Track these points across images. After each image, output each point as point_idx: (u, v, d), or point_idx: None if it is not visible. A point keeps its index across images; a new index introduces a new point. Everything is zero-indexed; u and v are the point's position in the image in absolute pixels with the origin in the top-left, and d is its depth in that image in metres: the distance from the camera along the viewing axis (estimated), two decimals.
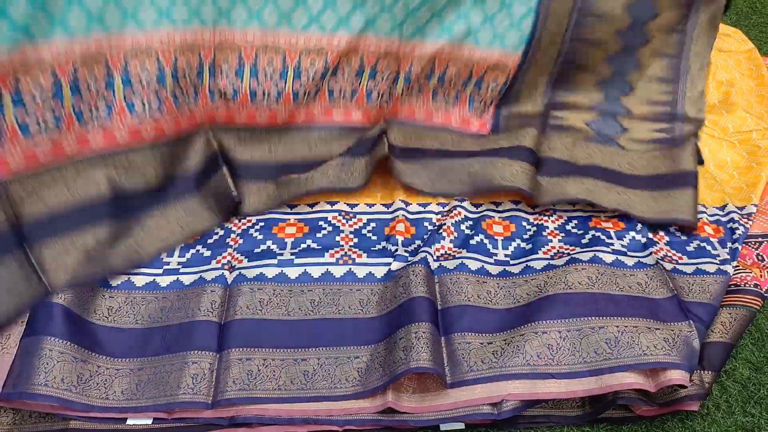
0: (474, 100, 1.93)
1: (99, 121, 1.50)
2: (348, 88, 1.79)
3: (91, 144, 1.51)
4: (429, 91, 1.88)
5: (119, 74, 1.47)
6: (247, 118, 1.73)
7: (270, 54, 1.64)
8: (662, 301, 1.57)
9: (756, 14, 2.70)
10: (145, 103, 1.55)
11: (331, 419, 1.42)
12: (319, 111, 1.80)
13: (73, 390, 1.37)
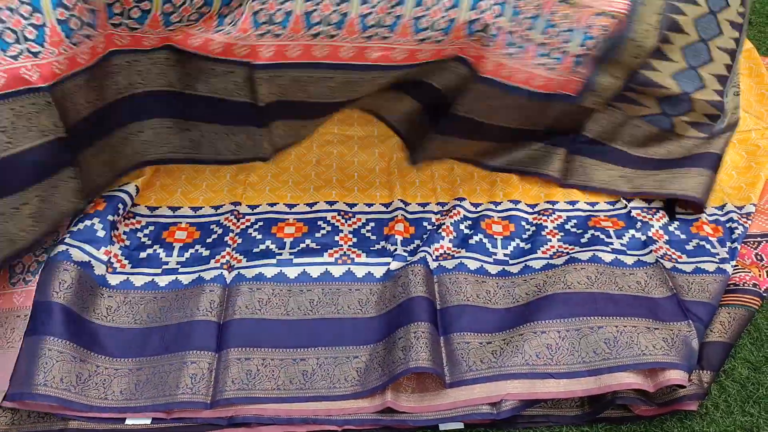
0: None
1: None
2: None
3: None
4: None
5: None
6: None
7: None
8: (661, 300, 1.57)
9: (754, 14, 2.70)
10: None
11: (330, 419, 1.42)
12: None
13: (72, 390, 1.37)
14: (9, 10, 1.21)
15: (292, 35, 1.42)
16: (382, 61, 1.52)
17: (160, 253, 1.71)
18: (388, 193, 1.94)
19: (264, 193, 1.90)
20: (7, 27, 1.21)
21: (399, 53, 1.50)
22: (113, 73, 1.45)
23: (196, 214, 1.84)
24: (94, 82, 1.41)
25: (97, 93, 1.44)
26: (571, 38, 1.56)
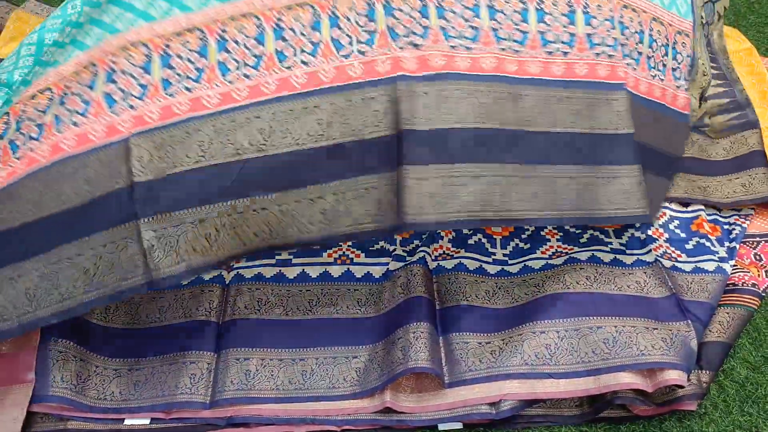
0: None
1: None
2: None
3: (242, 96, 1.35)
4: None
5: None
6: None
7: None
8: (660, 300, 1.57)
9: (753, 14, 2.69)
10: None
11: (329, 419, 1.42)
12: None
13: (72, 389, 1.37)
14: (122, 73, 1.32)
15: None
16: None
17: None
18: None
19: None
20: (120, 88, 1.31)
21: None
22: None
23: None
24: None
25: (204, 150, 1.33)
26: (667, 52, 1.59)
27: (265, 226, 1.31)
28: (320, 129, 1.32)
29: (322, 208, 1.32)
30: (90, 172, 1.29)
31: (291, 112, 1.32)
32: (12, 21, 2.34)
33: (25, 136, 1.33)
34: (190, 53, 1.35)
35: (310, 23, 1.36)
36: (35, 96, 1.36)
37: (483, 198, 1.35)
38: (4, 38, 2.27)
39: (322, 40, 1.35)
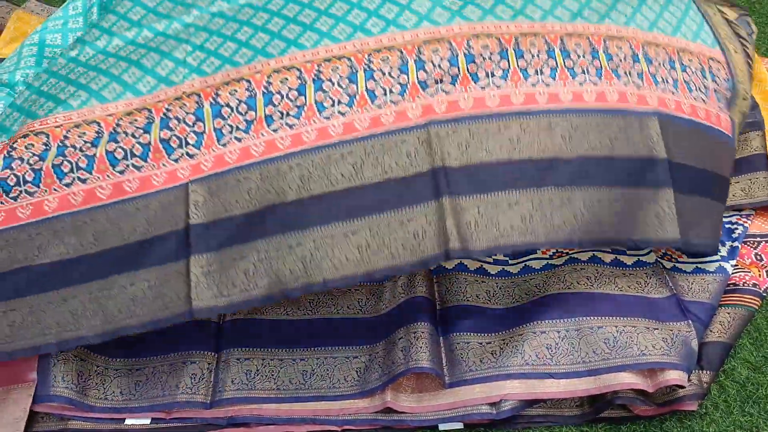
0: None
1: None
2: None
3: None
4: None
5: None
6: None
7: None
8: (661, 300, 1.57)
9: (754, 14, 2.69)
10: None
11: (329, 419, 1.42)
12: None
13: (73, 389, 1.37)
14: (177, 120, 1.47)
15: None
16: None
17: None
18: None
19: None
20: (175, 135, 1.44)
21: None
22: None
23: None
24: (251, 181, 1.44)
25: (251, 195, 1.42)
26: (705, 75, 1.65)
27: (300, 263, 1.36)
28: (354, 171, 1.40)
29: (358, 243, 1.37)
30: (151, 213, 1.40)
31: (329, 159, 1.41)
32: (13, 21, 2.35)
33: (72, 163, 1.43)
34: (239, 104, 1.48)
35: (347, 75, 1.48)
36: (80, 125, 1.47)
37: (523, 223, 1.39)
38: (4, 39, 2.28)
39: (357, 92, 1.47)
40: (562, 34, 1.57)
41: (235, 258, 1.38)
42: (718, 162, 1.61)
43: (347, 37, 1.56)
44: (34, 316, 1.38)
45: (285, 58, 1.55)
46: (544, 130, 1.46)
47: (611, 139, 1.48)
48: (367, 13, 1.61)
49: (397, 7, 1.60)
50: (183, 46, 1.63)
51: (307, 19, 1.61)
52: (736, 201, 1.84)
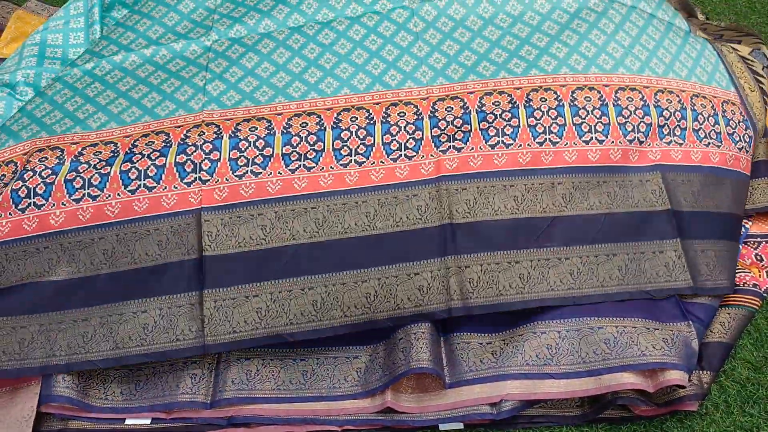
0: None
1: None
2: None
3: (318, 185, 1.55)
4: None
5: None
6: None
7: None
8: (661, 301, 1.57)
9: (755, 14, 2.69)
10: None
11: (330, 419, 1.42)
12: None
13: (74, 389, 1.37)
14: (194, 147, 1.54)
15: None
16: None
17: None
18: None
19: None
20: (191, 160, 1.51)
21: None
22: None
23: None
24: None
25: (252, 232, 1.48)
26: (716, 120, 1.71)
27: (310, 306, 1.42)
28: (367, 221, 1.49)
29: (366, 292, 1.44)
30: (162, 237, 1.45)
31: (344, 206, 1.50)
32: (13, 21, 2.34)
33: (84, 180, 1.48)
34: (257, 139, 1.56)
35: (365, 126, 1.59)
36: (97, 144, 1.55)
37: (520, 281, 1.47)
38: (5, 38, 2.27)
39: (374, 143, 1.56)
40: (573, 88, 1.66)
41: (248, 296, 1.42)
42: (736, 201, 1.65)
43: (366, 87, 1.67)
44: (44, 335, 1.39)
45: (306, 103, 1.65)
46: (547, 189, 1.55)
47: (610, 196, 1.54)
48: (386, 64, 1.72)
49: (415, 60, 1.70)
50: (202, 73, 1.73)
51: (327, 64, 1.71)
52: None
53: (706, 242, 1.58)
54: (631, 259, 1.53)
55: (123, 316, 1.41)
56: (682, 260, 1.53)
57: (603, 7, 1.83)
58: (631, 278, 1.52)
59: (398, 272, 1.46)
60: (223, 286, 1.43)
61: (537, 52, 1.73)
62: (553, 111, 1.61)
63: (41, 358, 1.38)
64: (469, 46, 1.77)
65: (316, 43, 1.78)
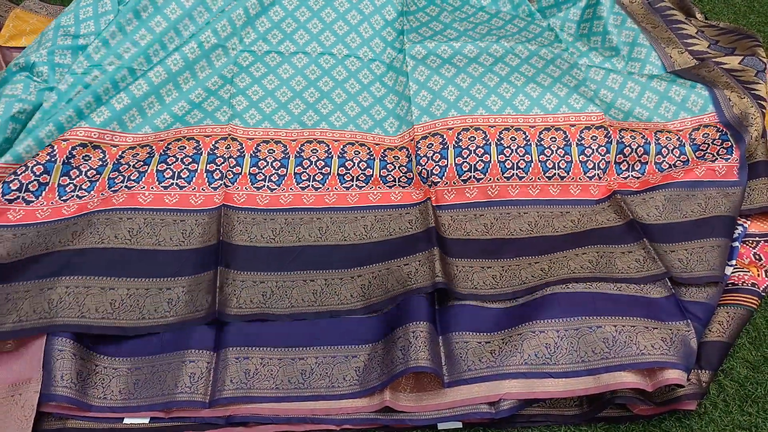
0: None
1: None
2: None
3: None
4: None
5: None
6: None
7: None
8: (660, 300, 1.57)
9: (754, 13, 2.69)
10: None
11: (328, 418, 1.42)
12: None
13: (72, 388, 1.37)
14: (222, 158, 1.84)
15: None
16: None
17: None
18: None
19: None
20: (219, 169, 1.81)
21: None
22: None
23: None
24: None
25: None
26: (683, 151, 1.92)
27: (311, 294, 1.59)
28: (365, 232, 1.72)
29: (362, 284, 1.61)
30: (187, 227, 1.68)
31: (345, 219, 1.75)
32: (11, 19, 2.34)
33: (124, 177, 1.75)
34: (274, 160, 1.86)
35: (365, 160, 1.89)
36: (134, 147, 1.84)
37: (494, 280, 1.64)
38: (3, 36, 2.27)
39: (373, 174, 1.86)
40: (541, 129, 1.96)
41: (255, 282, 1.60)
42: (710, 206, 1.78)
43: (369, 128, 2.00)
44: (72, 297, 1.47)
45: (317, 131, 1.97)
46: (514, 217, 1.79)
47: (573, 222, 1.79)
48: (386, 112, 2.06)
49: (419, 111, 1.99)
50: (228, 86, 2.02)
51: (338, 99, 2.06)
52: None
53: (675, 245, 1.70)
54: (601, 256, 1.66)
55: (149, 290, 1.55)
56: (652, 254, 1.64)
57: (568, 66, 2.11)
58: (603, 268, 1.63)
59: (390, 266, 1.63)
60: (235, 269, 1.60)
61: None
62: (521, 149, 1.89)
63: (69, 317, 1.45)
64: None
65: (330, 77, 2.11)
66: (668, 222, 1.76)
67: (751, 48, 2.20)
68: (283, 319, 1.54)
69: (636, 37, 2.26)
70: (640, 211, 1.79)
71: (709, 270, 1.62)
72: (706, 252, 1.66)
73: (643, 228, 1.72)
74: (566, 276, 1.60)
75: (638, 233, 1.70)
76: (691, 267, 1.63)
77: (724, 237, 1.71)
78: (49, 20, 2.39)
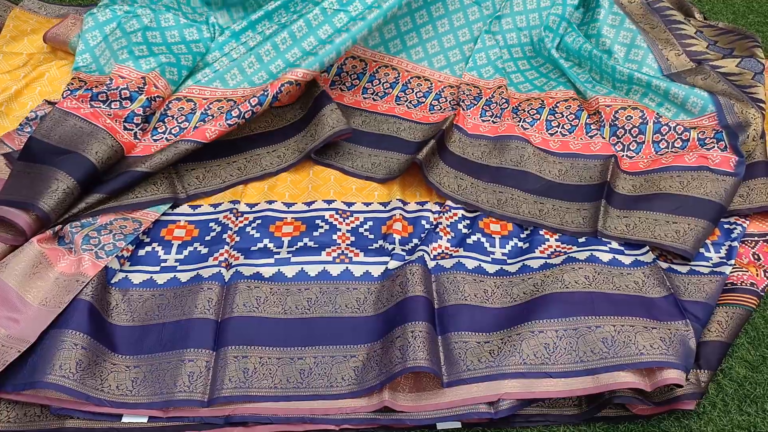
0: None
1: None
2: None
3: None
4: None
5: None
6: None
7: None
8: (659, 300, 1.57)
9: (753, 13, 2.70)
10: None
11: (327, 418, 1.42)
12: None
13: (70, 378, 1.36)
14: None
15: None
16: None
17: (159, 251, 1.71)
18: (387, 191, 1.94)
19: (262, 191, 1.90)
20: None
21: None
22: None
23: (195, 212, 1.84)
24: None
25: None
26: (678, 135, 2.00)
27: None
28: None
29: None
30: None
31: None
32: (11, 19, 2.34)
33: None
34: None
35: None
36: (221, 100, 2.13)
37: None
38: (4, 36, 2.27)
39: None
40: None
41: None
42: (700, 185, 1.83)
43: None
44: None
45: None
46: (512, 149, 2.04)
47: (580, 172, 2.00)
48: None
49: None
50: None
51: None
52: (734, 207, 1.84)
53: (643, 212, 1.82)
54: (586, 213, 1.86)
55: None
56: (620, 215, 1.82)
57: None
58: (586, 224, 1.83)
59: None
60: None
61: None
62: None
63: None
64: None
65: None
66: (643, 194, 1.87)
67: (749, 49, 2.20)
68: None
69: (634, 38, 2.26)
70: (620, 182, 1.93)
71: (680, 242, 1.70)
72: (680, 226, 1.74)
73: (608, 191, 1.88)
74: (556, 226, 1.83)
75: (600, 195, 1.86)
76: (657, 234, 1.74)
77: (704, 219, 1.75)
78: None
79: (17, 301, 1.47)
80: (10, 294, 1.47)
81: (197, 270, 1.65)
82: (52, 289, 1.52)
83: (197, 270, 1.65)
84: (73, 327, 1.42)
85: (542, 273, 1.66)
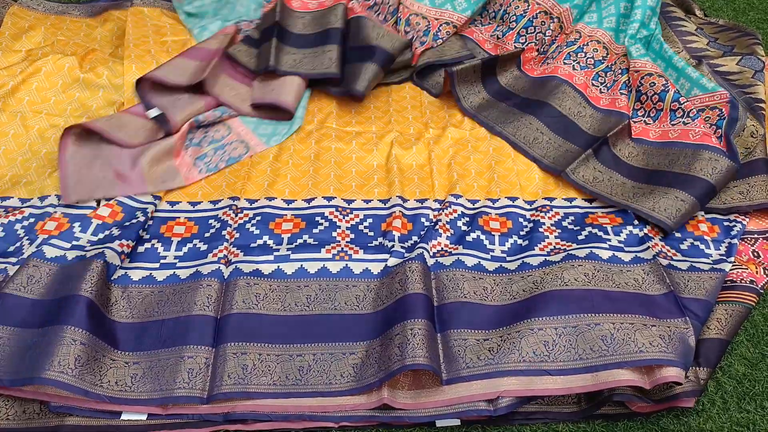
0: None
1: None
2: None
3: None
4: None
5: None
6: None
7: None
8: (658, 297, 1.57)
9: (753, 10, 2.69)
10: None
11: (326, 415, 1.42)
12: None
13: (69, 373, 1.36)
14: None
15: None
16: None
17: (158, 248, 1.71)
18: (386, 189, 1.94)
19: (262, 188, 1.90)
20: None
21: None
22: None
23: (195, 208, 1.84)
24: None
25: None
26: (691, 111, 2.02)
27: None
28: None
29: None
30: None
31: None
32: (9, 16, 2.34)
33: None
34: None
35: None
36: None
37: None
38: (2, 34, 2.26)
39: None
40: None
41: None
42: (689, 166, 1.87)
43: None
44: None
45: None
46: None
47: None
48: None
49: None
50: None
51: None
52: (734, 204, 1.84)
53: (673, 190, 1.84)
54: (569, 151, 2.03)
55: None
56: (600, 168, 1.95)
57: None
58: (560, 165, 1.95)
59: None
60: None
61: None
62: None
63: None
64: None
65: None
66: (637, 165, 1.96)
67: (750, 46, 2.20)
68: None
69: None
70: (622, 147, 2.02)
71: (655, 211, 1.79)
72: (660, 196, 1.81)
73: (609, 155, 1.99)
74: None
75: (589, 141, 2.02)
76: (636, 201, 1.83)
77: (689, 193, 1.81)
78: (47, 17, 2.39)
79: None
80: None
81: (197, 267, 1.65)
82: (160, 172, 1.86)
83: (197, 267, 1.65)
84: (73, 323, 1.42)
85: (542, 270, 1.66)
